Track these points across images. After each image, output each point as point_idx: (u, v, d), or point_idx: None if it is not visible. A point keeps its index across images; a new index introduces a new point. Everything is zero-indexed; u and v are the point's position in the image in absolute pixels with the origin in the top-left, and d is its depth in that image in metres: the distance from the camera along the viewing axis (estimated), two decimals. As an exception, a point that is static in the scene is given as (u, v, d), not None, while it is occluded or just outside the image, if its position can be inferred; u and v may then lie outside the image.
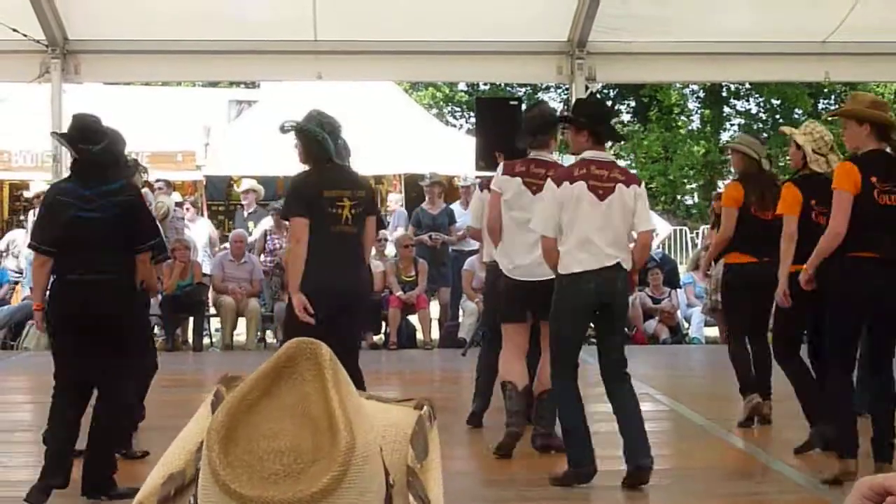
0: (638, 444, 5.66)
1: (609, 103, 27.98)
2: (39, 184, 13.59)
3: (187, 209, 14.15)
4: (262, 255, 13.21)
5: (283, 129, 6.00)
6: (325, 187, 5.90)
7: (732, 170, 7.90)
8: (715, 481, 6.07)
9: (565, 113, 6.29)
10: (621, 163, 31.13)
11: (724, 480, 6.09)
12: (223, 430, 1.07)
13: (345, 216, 5.89)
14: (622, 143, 26.98)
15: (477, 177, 11.10)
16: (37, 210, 13.17)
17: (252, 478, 1.04)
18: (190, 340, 12.56)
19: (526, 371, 6.52)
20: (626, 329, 8.81)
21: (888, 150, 5.80)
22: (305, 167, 6.03)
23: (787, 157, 7.22)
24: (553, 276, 5.83)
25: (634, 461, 5.63)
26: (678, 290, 13.64)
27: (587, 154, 5.85)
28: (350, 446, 1.05)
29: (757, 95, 26.97)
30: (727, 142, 8.19)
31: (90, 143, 5.62)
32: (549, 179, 5.88)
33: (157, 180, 13.87)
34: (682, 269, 15.09)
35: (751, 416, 7.37)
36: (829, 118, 14.86)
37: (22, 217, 15.73)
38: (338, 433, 1.05)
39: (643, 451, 5.64)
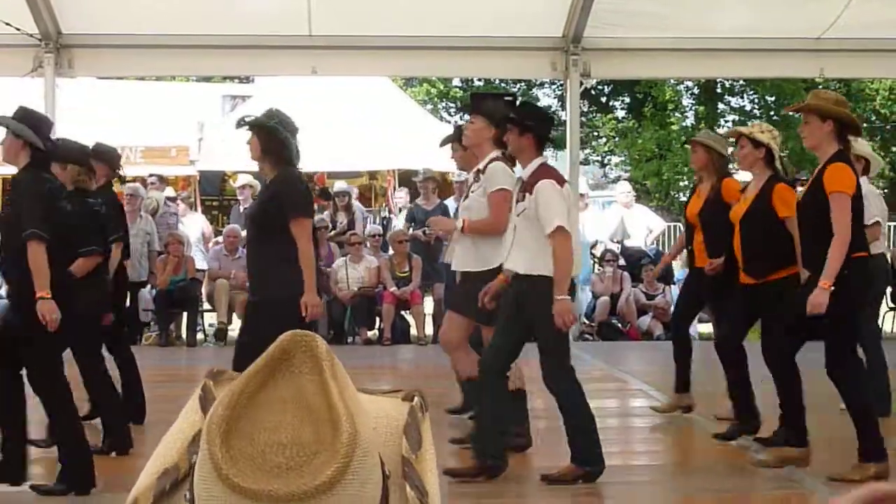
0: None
1: (603, 100, 27.98)
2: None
3: (178, 204, 14.12)
4: (256, 251, 13.18)
5: (240, 124, 5.88)
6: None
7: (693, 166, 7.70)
8: (708, 476, 6.07)
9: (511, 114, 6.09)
10: (615, 159, 30.76)
11: (716, 476, 6.08)
12: (224, 423, 1.06)
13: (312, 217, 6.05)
14: (616, 139, 26.98)
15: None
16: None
17: (255, 471, 1.03)
18: (184, 335, 12.54)
19: None
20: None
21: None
22: (256, 162, 6.00)
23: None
24: None
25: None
26: (672, 285, 13.63)
27: (542, 160, 5.82)
28: (352, 438, 1.04)
29: (751, 92, 26.94)
30: (693, 137, 8.01)
31: (48, 139, 5.61)
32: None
33: (150, 175, 13.86)
34: (675, 265, 15.06)
35: None
36: (790, 112, 14.81)
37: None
38: (339, 425, 1.05)
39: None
